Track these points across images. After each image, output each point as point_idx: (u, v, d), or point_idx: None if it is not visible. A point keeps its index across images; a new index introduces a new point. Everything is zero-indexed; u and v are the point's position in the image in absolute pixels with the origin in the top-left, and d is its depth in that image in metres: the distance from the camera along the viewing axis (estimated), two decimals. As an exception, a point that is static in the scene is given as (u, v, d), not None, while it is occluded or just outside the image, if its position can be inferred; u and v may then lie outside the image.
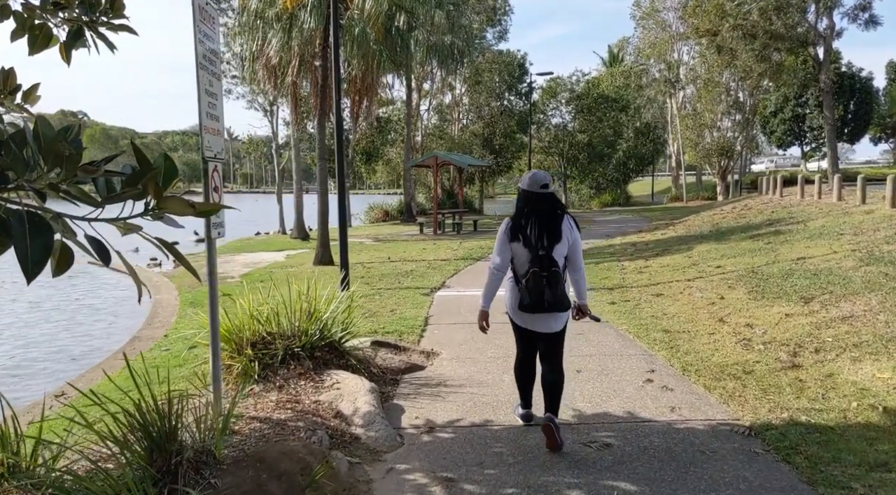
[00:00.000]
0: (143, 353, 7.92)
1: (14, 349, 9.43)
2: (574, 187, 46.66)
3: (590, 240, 18.29)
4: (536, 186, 4.00)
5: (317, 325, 5.48)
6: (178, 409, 3.33)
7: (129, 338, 9.26)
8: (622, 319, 7.81)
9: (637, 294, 9.40)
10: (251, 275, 13.91)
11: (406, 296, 9.66)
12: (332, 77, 14.28)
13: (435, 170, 22.56)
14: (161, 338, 8.52)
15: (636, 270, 11.53)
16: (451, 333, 7.33)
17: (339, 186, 10.59)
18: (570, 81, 42.95)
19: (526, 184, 4.04)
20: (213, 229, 4.11)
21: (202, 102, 3.93)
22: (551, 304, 3.92)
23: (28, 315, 11.73)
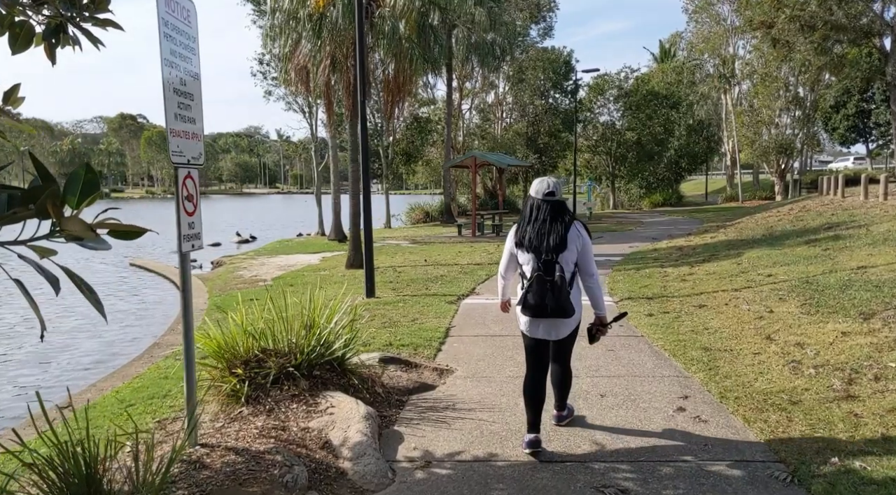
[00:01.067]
0: (159, 362, 7.75)
1: (34, 357, 9.40)
2: (623, 186, 45.47)
3: (633, 244, 17.52)
4: (541, 194, 4.06)
5: (316, 340, 5.08)
6: (110, 455, 2.96)
7: (149, 345, 9.11)
8: (658, 333, 7.20)
9: (678, 304, 8.73)
10: (283, 277, 13.73)
11: (431, 304, 9.22)
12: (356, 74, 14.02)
13: (473, 171, 22.08)
14: (180, 345, 8.30)
15: (679, 278, 10.81)
16: (472, 347, 6.87)
17: (363, 189, 10.25)
18: (619, 78, 41.82)
19: (533, 191, 4.11)
20: (186, 241, 3.74)
21: (169, 103, 3.57)
22: (553, 309, 3.93)
23: (61, 319, 11.78)
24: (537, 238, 3.98)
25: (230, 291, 12.57)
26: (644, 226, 24.70)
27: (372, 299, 9.91)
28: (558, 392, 4.45)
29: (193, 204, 3.84)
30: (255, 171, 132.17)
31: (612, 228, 23.74)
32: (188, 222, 3.77)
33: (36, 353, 9.53)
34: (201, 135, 3.99)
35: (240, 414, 4.51)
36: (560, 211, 4.04)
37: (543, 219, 4.00)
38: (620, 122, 42.30)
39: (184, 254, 3.79)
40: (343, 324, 5.40)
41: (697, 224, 23.77)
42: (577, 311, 4.07)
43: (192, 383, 3.85)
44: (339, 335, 5.30)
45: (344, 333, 5.31)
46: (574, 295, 4.07)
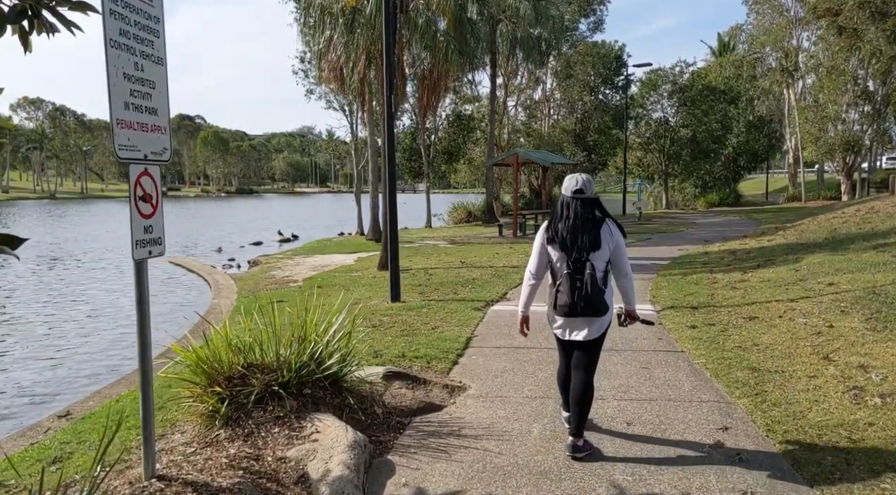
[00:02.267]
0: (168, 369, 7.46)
1: (47, 360, 9.28)
2: (677, 186, 43.92)
3: (683, 246, 16.58)
4: (570, 191, 4.00)
5: (309, 356, 4.61)
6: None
7: (163, 350, 8.82)
8: (701, 349, 6.48)
9: (726, 316, 7.96)
10: (314, 278, 13.41)
11: (456, 310, 8.69)
12: (380, 68, 13.57)
13: (515, 169, 21.41)
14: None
15: (730, 285, 9.97)
16: (491, 360, 6.31)
17: (388, 189, 9.79)
18: (673, 73, 40.35)
19: (563, 189, 4.06)
20: (140, 247, 3.31)
21: (116, 90, 3.13)
22: (583, 308, 3.86)
23: (89, 320, 11.73)
24: (569, 236, 3.91)
25: (259, 292, 12.32)
26: (697, 227, 23.56)
27: (396, 304, 9.44)
28: (577, 409, 4.05)
29: (152, 205, 3.41)
30: (306, 171, 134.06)
31: (662, 229, 22.71)
32: (144, 225, 3.34)
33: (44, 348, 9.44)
34: (166, 128, 3.55)
35: (216, 438, 4.08)
36: (591, 208, 3.97)
37: (574, 217, 3.93)
38: (674, 118, 40.80)
39: (138, 263, 3.35)
40: (340, 337, 4.91)
41: (755, 225, 22.52)
42: (609, 311, 3.97)
43: (148, 409, 3.41)
44: (336, 348, 4.82)
45: (341, 347, 4.82)
46: (608, 294, 3.99)
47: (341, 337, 4.92)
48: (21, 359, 9.29)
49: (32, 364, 9.00)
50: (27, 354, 9.50)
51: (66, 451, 4.74)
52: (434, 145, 27.61)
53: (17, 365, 8.99)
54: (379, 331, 7.55)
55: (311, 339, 4.67)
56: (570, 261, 3.91)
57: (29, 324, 11.50)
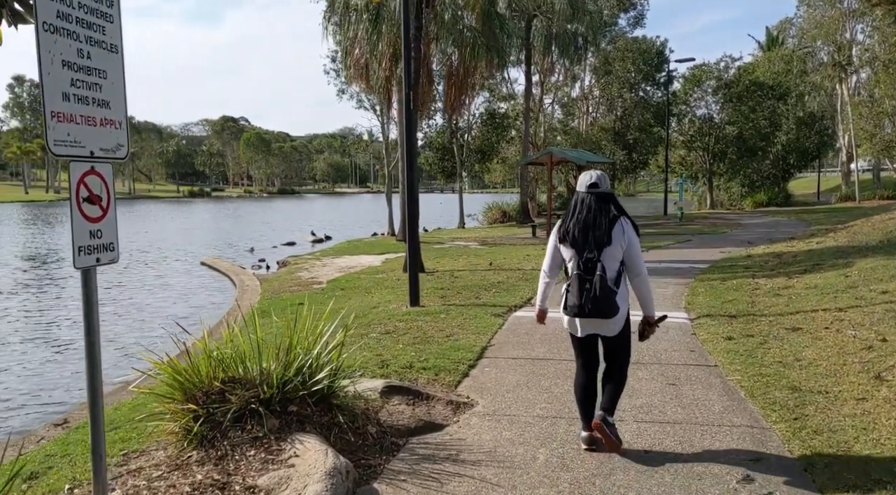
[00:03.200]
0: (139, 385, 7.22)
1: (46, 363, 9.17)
2: (723, 185, 42.49)
3: (725, 248, 15.79)
4: (584, 186, 3.93)
5: (296, 370, 4.25)
6: None
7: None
8: (736, 364, 5.91)
9: (766, 326, 7.33)
10: (338, 280, 13.16)
11: (476, 316, 8.25)
12: (416, 67, 13.18)
13: (549, 168, 20.81)
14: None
15: (772, 291, 9.29)
16: (505, 372, 5.86)
17: (408, 189, 9.42)
18: (718, 68, 39.04)
19: (578, 185, 3.99)
20: (86, 255, 2.98)
21: (50, 79, 2.80)
22: (592, 310, 3.79)
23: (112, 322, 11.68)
24: (580, 234, 3.84)
25: (281, 294, 12.11)
26: (741, 227, 22.58)
27: (415, 308, 9.06)
28: (609, 393, 4.04)
29: (102, 207, 3.08)
30: (346, 171, 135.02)
31: (704, 230, 21.83)
32: (90, 230, 3.01)
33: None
34: (122, 122, 3.22)
35: (187, 461, 3.75)
36: (606, 203, 3.89)
37: (587, 214, 3.86)
38: (719, 115, 39.51)
39: (85, 272, 3.01)
40: (331, 349, 4.53)
41: (804, 226, 21.47)
42: (620, 311, 3.88)
43: (98, 435, 3.08)
44: (327, 361, 4.45)
45: (332, 360, 4.45)
46: (621, 294, 3.90)
47: (332, 348, 4.53)
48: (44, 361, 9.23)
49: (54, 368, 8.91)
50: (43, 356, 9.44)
51: (46, 466, 4.48)
52: (467, 144, 27.11)
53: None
54: (391, 338, 7.17)
55: (297, 352, 4.29)
56: (580, 262, 3.84)
57: (51, 326, 11.50)
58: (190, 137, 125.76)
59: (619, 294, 3.86)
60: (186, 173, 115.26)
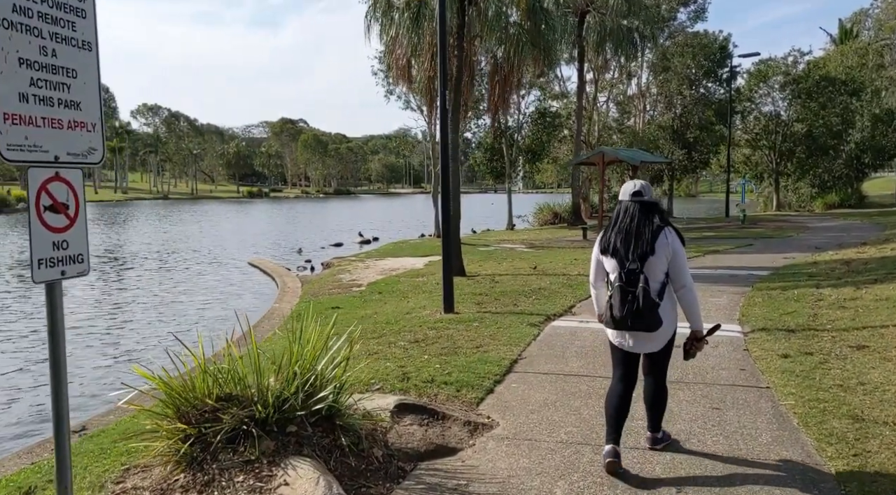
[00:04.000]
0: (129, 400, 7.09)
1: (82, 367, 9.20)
2: (791, 185, 40.58)
3: (789, 254, 14.86)
4: (628, 195, 3.85)
5: (296, 387, 3.97)
6: None
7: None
8: (791, 386, 5.34)
9: (828, 342, 6.68)
10: (377, 283, 12.95)
11: (511, 325, 7.85)
12: (459, 65, 12.84)
13: (601, 168, 20.14)
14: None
15: (838, 303, 8.54)
16: (533, 389, 5.45)
17: (442, 190, 9.10)
18: (786, 63, 37.28)
19: (621, 194, 3.92)
20: (47, 268, 2.76)
21: (4, 79, 2.58)
22: (634, 324, 3.69)
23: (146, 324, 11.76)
24: (622, 245, 3.75)
25: (320, 297, 11.97)
26: (809, 231, 21.36)
27: (449, 315, 8.72)
28: (651, 412, 4.06)
29: (68, 216, 2.85)
30: (401, 172, 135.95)
31: (768, 234, 20.73)
32: (53, 240, 2.78)
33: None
34: (95, 124, 3.00)
35: (172, 485, 3.52)
36: (649, 214, 3.79)
37: (630, 223, 3.77)
38: (787, 112, 37.74)
39: (50, 286, 2.79)
40: (337, 363, 4.23)
41: (878, 230, 20.14)
42: (664, 325, 3.75)
43: (64, 467, 2.85)
44: (332, 378, 4.15)
45: (336, 376, 4.15)
46: (665, 306, 3.76)
47: (338, 363, 4.23)
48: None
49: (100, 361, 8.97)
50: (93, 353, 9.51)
51: (47, 479, 4.34)
52: (517, 144, 26.58)
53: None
54: (418, 348, 6.85)
55: (294, 369, 4.00)
56: (622, 273, 3.72)
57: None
58: (250, 139, 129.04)
59: (662, 306, 3.73)
60: (246, 174, 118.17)
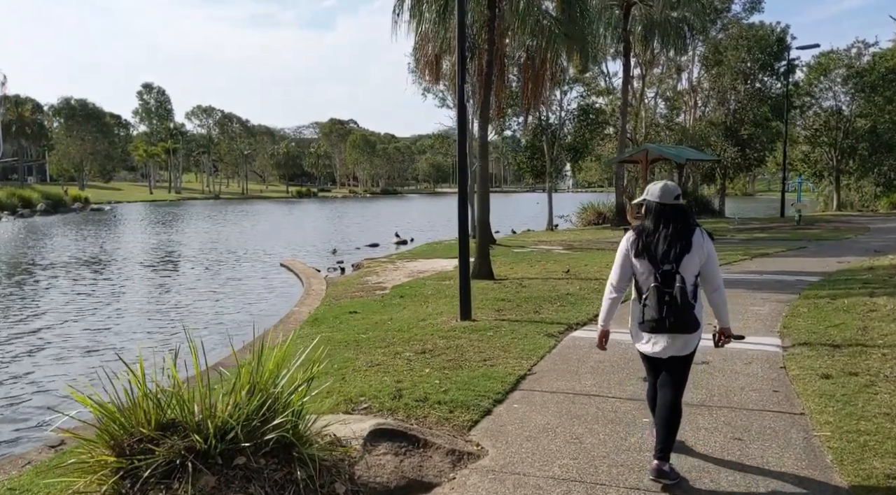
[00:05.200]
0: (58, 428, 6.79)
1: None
2: (853, 184, 38.59)
3: (844, 258, 13.84)
4: (658, 197, 3.75)
5: (247, 411, 3.57)
6: None
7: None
8: (829, 413, 4.69)
9: (877, 361, 5.94)
10: (402, 286, 12.57)
11: (526, 335, 7.33)
12: (489, 59, 12.33)
13: (644, 167, 19.30)
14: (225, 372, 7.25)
15: (892, 315, 7.71)
16: (535, 412, 4.94)
17: (459, 188, 8.66)
18: (848, 55, 35.40)
19: (656, 196, 3.76)
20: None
21: None
22: (673, 324, 3.62)
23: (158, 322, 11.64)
24: (656, 246, 3.67)
25: (340, 301, 11.66)
26: (869, 233, 20.04)
27: (464, 323, 8.25)
28: (663, 432, 3.74)
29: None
30: (447, 171, 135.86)
31: (824, 236, 19.51)
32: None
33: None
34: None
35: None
36: (681, 216, 3.74)
37: (664, 226, 3.70)
38: (849, 107, 35.86)
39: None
40: (298, 384, 3.82)
41: (946, 231, 18.70)
42: (700, 328, 3.71)
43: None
44: (290, 401, 3.74)
45: (293, 401, 3.73)
46: (698, 308, 3.71)
47: (298, 384, 3.82)
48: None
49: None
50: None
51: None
52: (559, 141, 25.82)
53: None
54: (422, 360, 6.41)
55: (242, 394, 3.59)
56: (658, 274, 3.64)
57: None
58: (301, 140, 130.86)
59: (696, 308, 3.68)
60: (296, 174, 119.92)
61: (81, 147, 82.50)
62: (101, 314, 12.11)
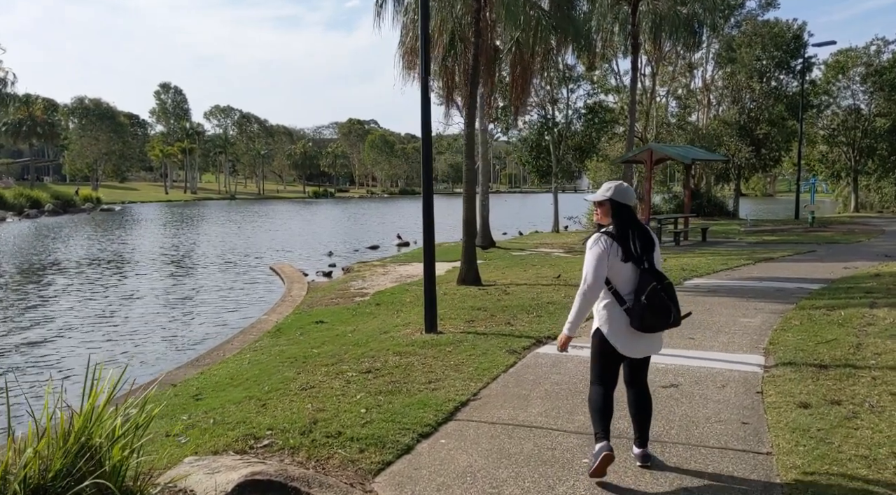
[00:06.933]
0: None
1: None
2: (872, 184, 37.37)
3: (852, 263, 13.06)
4: (632, 199, 3.85)
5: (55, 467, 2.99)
6: None
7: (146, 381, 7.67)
8: (798, 454, 4.07)
9: (865, 387, 5.28)
10: (384, 292, 12.09)
11: (487, 351, 6.76)
12: (475, 53, 11.75)
13: (649, 167, 18.55)
14: (170, 388, 6.77)
15: (890, 330, 7.01)
16: (463, 449, 4.36)
17: (424, 190, 8.14)
18: (867, 52, 34.26)
19: (621, 197, 3.81)
20: None
21: None
22: (677, 318, 3.75)
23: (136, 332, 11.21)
24: (636, 245, 3.76)
25: (314, 308, 11.19)
26: (884, 236, 19.15)
27: (428, 336, 7.69)
28: (645, 422, 3.97)
29: None
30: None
31: (835, 239, 18.65)
32: None
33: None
34: None
35: None
36: (635, 215, 3.91)
37: (633, 226, 3.80)
38: (868, 106, 34.70)
39: None
40: (128, 426, 3.25)
41: (967, 235, 17.76)
42: None
43: None
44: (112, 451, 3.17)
45: (115, 454, 3.12)
46: None
47: (126, 430, 3.20)
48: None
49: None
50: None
51: None
52: (566, 140, 25.07)
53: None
54: (362, 381, 5.86)
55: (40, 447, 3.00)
56: (644, 272, 3.73)
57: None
58: (320, 140, 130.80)
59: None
60: (314, 174, 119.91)
61: (95, 147, 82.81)
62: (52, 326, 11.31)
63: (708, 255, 14.93)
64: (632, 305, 3.69)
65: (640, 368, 3.98)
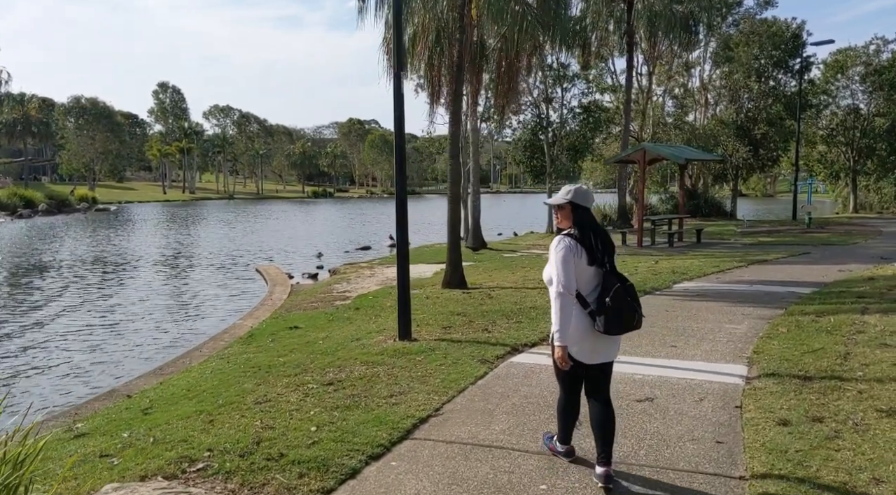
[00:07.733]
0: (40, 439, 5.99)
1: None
2: (871, 185, 37.04)
3: (846, 265, 12.74)
4: (591, 201, 3.86)
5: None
6: None
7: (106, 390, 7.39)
8: (773, 479, 3.78)
9: (851, 401, 4.97)
10: (367, 295, 11.81)
11: (458, 361, 6.46)
12: (460, 50, 11.46)
13: (642, 167, 18.19)
14: (125, 399, 6.47)
15: (880, 338, 6.70)
16: (414, 473, 4.07)
17: (397, 189, 7.86)
18: (867, 52, 33.93)
19: (581, 200, 3.80)
20: None
21: None
22: (639, 319, 3.73)
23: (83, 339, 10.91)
24: (598, 249, 3.74)
25: (291, 312, 10.90)
26: (881, 237, 18.82)
27: (400, 344, 7.39)
28: (607, 437, 3.78)
29: None
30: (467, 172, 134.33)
31: (832, 240, 18.33)
32: None
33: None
34: None
35: None
36: (594, 217, 3.89)
37: (593, 229, 3.78)
38: (867, 105, 34.37)
39: None
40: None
41: (966, 237, 17.43)
42: None
43: None
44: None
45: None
46: None
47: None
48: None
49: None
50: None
51: None
52: (561, 140, 24.76)
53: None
54: (321, 395, 5.56)
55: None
56: (607, 274, 3.74)
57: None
58: (320, 140, 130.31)
59: None
60: (313, 174, 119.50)
61: (91, 146, 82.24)
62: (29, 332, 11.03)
63: (701, 257, 14.62)
64: (596, 307, 3.64)
65: (600, 378, 3.85)
